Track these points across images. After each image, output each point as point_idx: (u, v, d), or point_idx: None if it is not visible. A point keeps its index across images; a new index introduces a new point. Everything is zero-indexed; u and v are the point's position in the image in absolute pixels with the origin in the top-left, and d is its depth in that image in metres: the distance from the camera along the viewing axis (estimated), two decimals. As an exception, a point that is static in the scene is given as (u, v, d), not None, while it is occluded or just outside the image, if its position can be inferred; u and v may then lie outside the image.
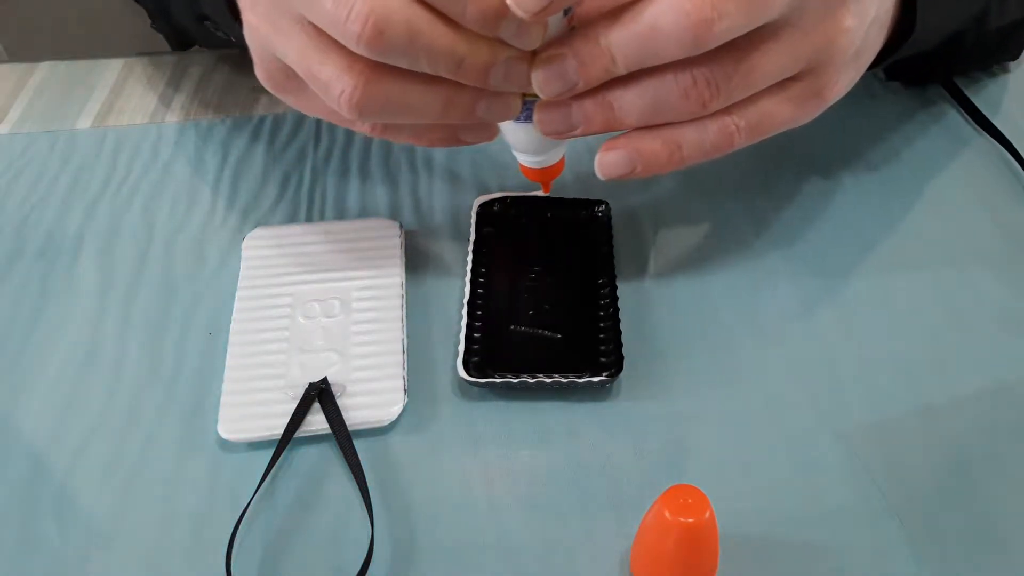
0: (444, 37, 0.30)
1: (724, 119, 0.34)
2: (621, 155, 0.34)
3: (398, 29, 0.29)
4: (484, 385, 0.37)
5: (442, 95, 0.32)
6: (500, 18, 0.30)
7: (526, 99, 0.34)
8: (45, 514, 0.34)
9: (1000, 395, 0.37)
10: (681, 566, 0.30)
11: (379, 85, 0.31)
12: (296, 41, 0.32)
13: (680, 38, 0.30)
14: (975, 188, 0.46)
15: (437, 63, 0.30)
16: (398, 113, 0.32)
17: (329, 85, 0.31)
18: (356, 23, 0.29)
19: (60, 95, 0.54)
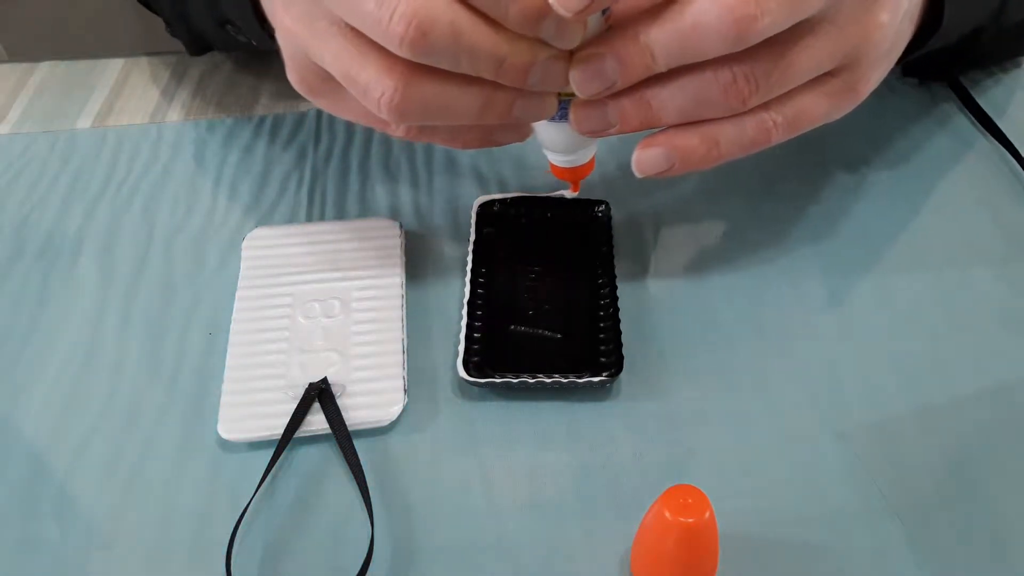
0: (486, 37, 0.30)
1: (761, 115, 0.34)
2: (659, 152, 0.34)
3: (442, 30, 0.29)
4: (484, 385, 0.37)
5: (481, 96, 0.32)
6: (541, 18, 0.30)
7: (561, 98, 0.34)
8: (45, 514, 0.34)
9: (1000, 395, 0.37)
10: (681, 566, 0.30)
11: (419, 87, 0.31)
12: (334, 44, 0.32)
13: (723, 35, 0.30)
14: (976, 188, 0.46)
15: (479, 64, 0.30)
16: (437, 115, 0.32)
17: (369, 88, 0.31)
18: (400, 24, 0.29)
19: (60, 95, 0.54)
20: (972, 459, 0.35)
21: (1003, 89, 0.52)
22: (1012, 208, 0.45)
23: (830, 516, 0.34)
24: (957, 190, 0.46)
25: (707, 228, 0.45)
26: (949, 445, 0.36)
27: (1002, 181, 0.46)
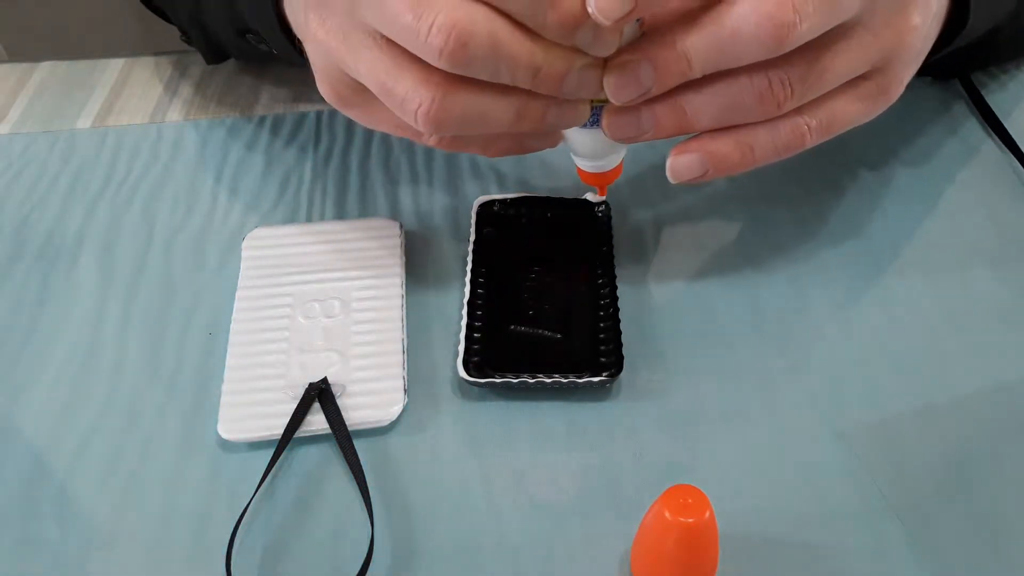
0: (524, 47, 0.30)
1: (796, 119, 0.34)
2: (693, 158, 0.34)
3: (481, 41, 0.29)
4: (484, 385, 0.37)
5: (515, 105, 0.32)
6: (579, 26, 0.30)
7: (594, 105, 0.34)
8: (45, 514, 0.34)
9: (1000, 395, 0.37)
10: (681, 566, 0.30)
11: (456, 98, 0.31)
12: (369, 56, 0.32)
13: (762, 42, 0.31)
14: (979, 188, 0.46)
15: (516, 73, 0.30)
16: (473, 125, 0.32)
17: (406, 100, 0.31)
18: (439, 36, 0.29)
19: (60, 95, 0.54)
20: (972, 459, 0.35)
21: (1012, 91, 0.52)
22: (1013, 209, 0.45)
23: (830, 516, 0.34)
24: (959, 189, 0.46)
25: (707, 228, 0.45)
26: (949, 445, 0.36)
27: (1005, 182, 0.46)
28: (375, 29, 0.31)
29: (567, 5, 0.29)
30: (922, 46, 0.36)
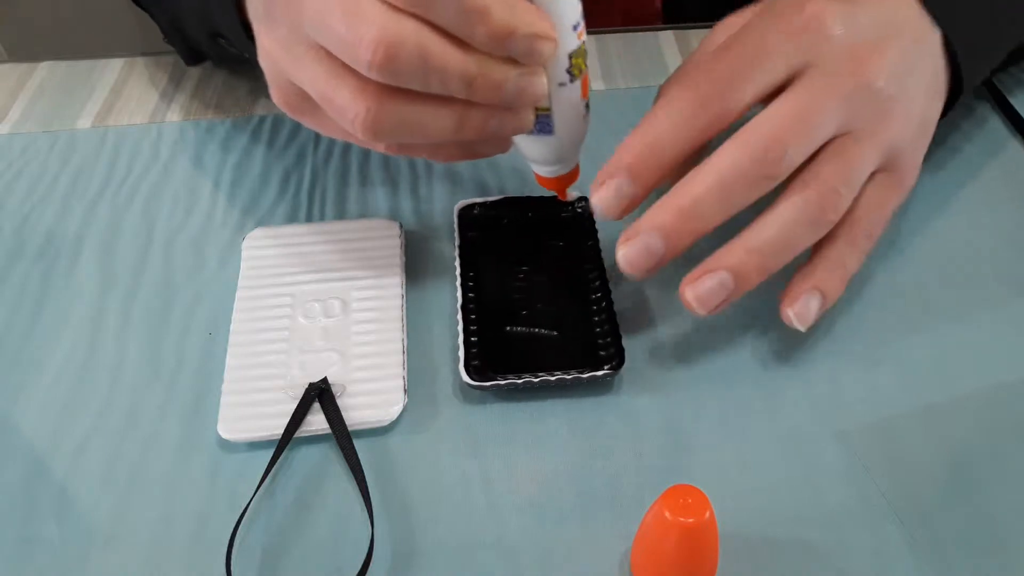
0: (454, 58, 0.30)
1: (851, 232, 0.37)
2: (805, 300, 0.36)
3: (409, 53, 0.30)
4: (489, 388, 0.37)
5: (455, 114, 0.33)
6: (509, 37, 0.30)
7: (538, 112, 0.35)
8: (45, 514, 0.34)
9: (1000, 395, 0.37)
10: (681, 566, 0.30)
11: (392, 107, 0.32)
12: (310, 66, 0.32)
13: (764, 175, 0.34)
14: (998, 188, 0.46)
15: (448, 84, 0.31)
16: (412, 133, 0.33)
17: (343, 109, 0.32)
18: (368, 49, 0.29)
19: (60, 95, 0.54)
20: (972, 459, 0.35)
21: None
22: (1016, 208, 0.45)
23: (830, 516, 0.34)
24: (978, 190, 0.46)
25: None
26: (949, 445, 0.36)
27: (1010, 181, 0.46)
28: (315, 41, 0.32)
29: (496, 17, 0.30)
30: (920, 131, 0.38)
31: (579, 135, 0.37)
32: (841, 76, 0.36)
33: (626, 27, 0.57)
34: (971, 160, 0.48)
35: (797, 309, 0.36)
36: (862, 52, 0.36)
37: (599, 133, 0.50)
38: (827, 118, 0.35)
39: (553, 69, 0.33)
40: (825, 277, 0.36)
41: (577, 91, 0.35)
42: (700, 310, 0.35)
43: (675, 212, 0.35)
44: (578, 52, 0.33)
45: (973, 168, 0.47)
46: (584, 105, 0.36)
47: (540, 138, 0.36)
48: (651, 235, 0.35)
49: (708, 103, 0.35)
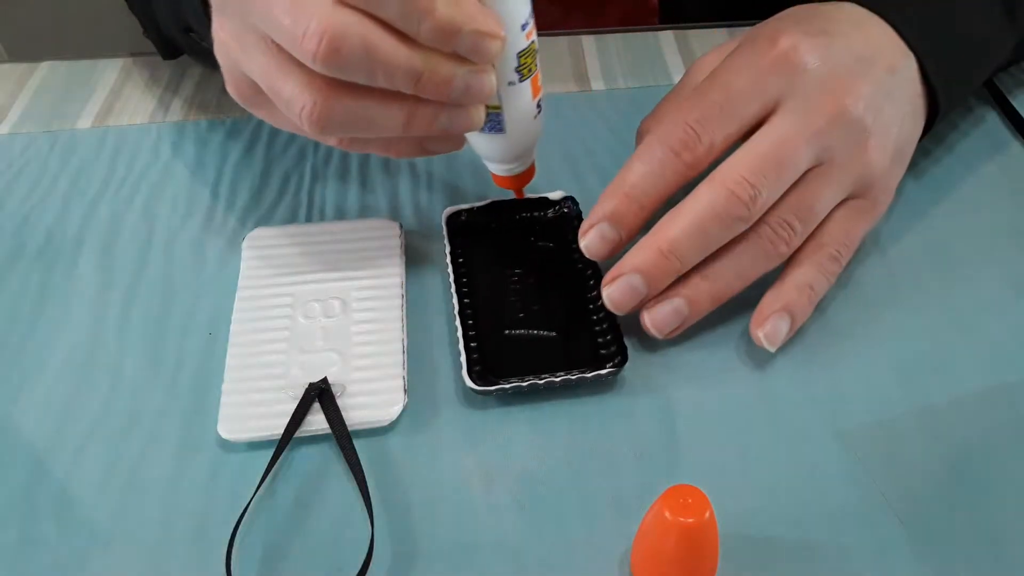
0: (400, 53, 0.30)
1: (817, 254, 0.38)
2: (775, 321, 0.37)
3: (353, 46, 0.30)
4: (494, 393, 0.37)
5: (403, 109, 0.33)
6: (454, 33, 0.30)
7: (489, 110, 0.35)
8: (45, 514, 0.34)
9: (1000, 395, 0.37)
10: (681, 566, 0.30)
11: (339, 101, 0.32)
12: (260, 58, 0.33)
13: (736, 215, 0.35)
14: (998, 189, 0.46)
15: (394, 78, 0.31)
16: (360, 128, 0.33)
17: (291, 102, 0.32)
18: (312, 41, 0.30)
19: (60, 95, 0.54)
20: (972, 459, 0.35)
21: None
22: (1019, 208, 0.45)
23: (830, 516, 0.34)
24: (979, 191, 0.46)
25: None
26: (949, 445, 0.36)
27: (1015, 181, 0.46)
28: (264, 32, 0.32)
29: (441, 13, 0.30)
30: (896, 158, 0.40)
31: (531, 134, 0.38)
32: (815, 111, 0.37)
33: (626, 27, 0.57)
34: (971, 159, 0.48)
35: (767, 330, 0.37)
36: (836, 85, 0.37)
37: (599, 133, 0.50)
38: (800, 156, 0.36)
39: (502, 68, 0.34)
40: (793, 299, 0.37)
41: (527, 91, 0.35)
42: (657, 334, 0.37)
43: (655, 253, 0.36)
44: (527, 52, 0.34)
45: (973, 167, 0.47)
46: (535, 105, 0.36)
47: (492, 136, 0.37)
48: (633, 276, 0.36)
49: (681, 151, 0.37)
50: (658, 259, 0.36)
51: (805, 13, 0.40)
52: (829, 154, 0.37)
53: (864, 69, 0.38)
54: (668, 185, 0.37)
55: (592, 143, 0.49)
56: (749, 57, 0.38)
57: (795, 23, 0.39)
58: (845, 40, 0.39)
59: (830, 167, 0.37)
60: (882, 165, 0.39)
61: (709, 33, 0.56)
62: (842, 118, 0.37)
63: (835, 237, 0.38)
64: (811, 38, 0.38)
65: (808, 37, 0.38)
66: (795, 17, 0.40)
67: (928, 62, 0.40)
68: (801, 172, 0.37)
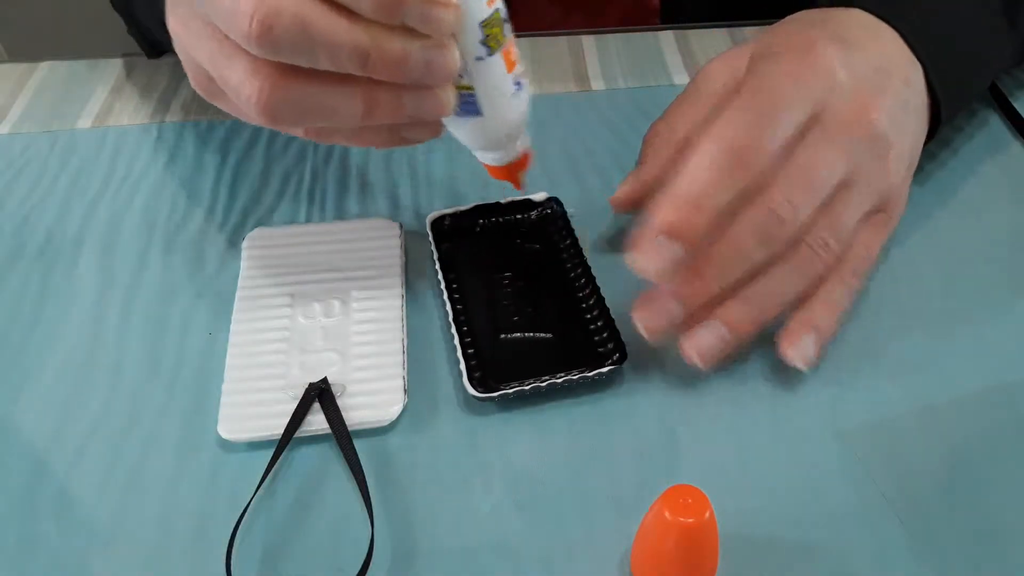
0: (341, 29, 0.28)
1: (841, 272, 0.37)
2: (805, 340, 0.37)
3: (287, 23, 0.27)
4: (496, 399, 0.37)
5: (359, 94, 0.30)
6: (398, 4, 0.27)
7: (461, 91, 0.32)
8: (45, 514, 0.34)
9: (1000, 395, 0.37)
10: (681, 566, 0.30)
11: (287, 88, 0.30)
12: (207, 45, 0.31)
13: (773, 235, 0.35)
14: (999, 189, 0.46)
15: (339, 59, 0.28)
16: (315, 116, 0.31)
17: (238, 90, 0.30)
18: (244, 20, 0.28)
19: (60, 95, 0.54)
20: (972, 459, 0.35)
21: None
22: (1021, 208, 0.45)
23: (830, 516, 0.34)
24: (980, 191, 0.46)
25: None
26: (949, 445, 0.36)
27: (1018, 183, 0.46)
28: (207, 17, 0.30)
29: None
30: (908, 168, 0.40)
31: (513, 115, 0.34)
32: (848, 126, 0.36)
33: (626, 27, 0.57)
34: (972, 161, 0.48)
35: (799, 350, 0.36)
36: (865, 100, 0.37)
37: (599, 133, 0.50)
38: (835, 175, 0.36)
39: (465, 41, 0.30)
40: (820, 316, 0.37)
41: (499, 65, 0.32)
42: (700, 363, 0.36)
43: (693, 274, 0.35)
44: (491, 21, 0.30)
45: (974, 169, 0.47)
46: (512, 81, 0.33)
47: (468, 120, 0.33)
48: (669, 300, 0.35)
49: (744, 153, 0.35)
50: (695, 281, 0.35)
51: (819, 18, 0.40)
52: (856, 170, 0.37)
53: (884, 81, 0.38)
54: (734, 190, 0.35)
55: (592, 143, 0.49)
56: (786, 65, 0.37)
57: (816, 28, 0.39)
58: (863, 51, 0.38)
59: (857, 183, 0.37)
60: (900, 176, 0.39)
61: (709, 33, 0.56)
62: (870, 134, 0.37)
63: (857, 252, 0.38)
64: (839, 48, 0.37)
65: (836, 46, 0.37)
66: (809, 21, 0.40)
67: (933, 72, 0.40)
68: (834, 188, 0.36)
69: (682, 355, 0.36)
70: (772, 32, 0.41)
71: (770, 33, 0.41)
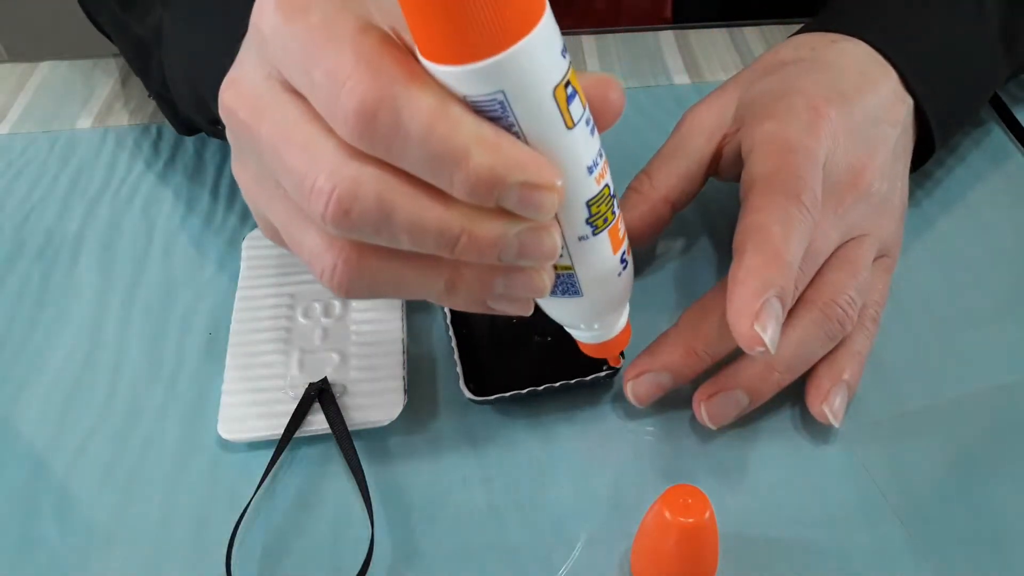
0: (429, 212, 0.25)
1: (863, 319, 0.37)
2: (836, 399, 0.36)
3: (367, 207, 0.24)
4: (494, 402, 0.36)
5: (443, 275, 0.27)
6: (496, 187, 0.24)
7: (559, 270, 0.28)
8: (45, 514, 0.34)
9: (1000, 395, 0.37)
10: (681, 566, 0.30)
11: (362, 267, 0.27)
12: (280, 207, 0.28)
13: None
14: (1001, 195, 0.46)
15: (424, 242, 0.25)
16: (392, 293, 0.28)
17: (311, 261, 0.27)
18: (320, 199, 0.24)
19: (60, 95, 0.54)
20: (972, 459, 0.35)
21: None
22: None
23: (830, 516, 0.34)
24: (981, 197, 0.46)
25: (692, 213, 0.45)
26: (949, 445, 0.36)
27: (1017, 190, 0.46)
28: (280, 182, 0.27)
29: (477, 162, 0.23)
30: (902, 208, 0.40)
31: (616, 294, 0.30)
32: (840, 193, 0.36)
33: (626, 27, 0.57)
34: (972, 168, 0.48)
35: (832, 406, 0.35)
36: (858, 162, 0.37)
37: (599, 133, 0.50)
38: (831, 243, 0.36)
39: (568, 220, 0.26)
40: (849, 370, 0.36)
41: (604, 245, 0.28)
42: (712, 425, 0.35)
43: (684, 350, 0.35)
44: (599, 199, 0.26)
45: (974, 176, 0.47)
46: (618, 260, 0.29)
47: (566, 300, 0.29)
48: (662, 374, 0.35)
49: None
50: (690, 359, 0.35)
51: (811, 58, 0.40)
52: (856, 229, 0.37)
53: (878, 132, 0.38)
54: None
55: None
56: (800, 137, 0.36)
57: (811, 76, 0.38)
58: (860, 104, 0.38)
59: (860, 240, 0.37)
60: (896, 220, 0.39)
61: (709, 33, 0.56)
62: (866, 196, 0.37)
63: (873, 299, 0.37)
64: (838, 108, 0.37)
65: (835, 108, 0.37)
66: (804, 64, 0.39)
67: (928, 105, 0.40)
68: (832, 251, 0.36)
69: (694, 412, 0.36)
70: (763, 73, 0.40)
71: (760, 73, 0.40)
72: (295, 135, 0.25)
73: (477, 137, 0.23)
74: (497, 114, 0.23)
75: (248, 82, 0.27)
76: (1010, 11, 0.43)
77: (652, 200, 0.39)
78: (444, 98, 0.23)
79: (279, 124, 0.26)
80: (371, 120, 0.23)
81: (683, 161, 0.40)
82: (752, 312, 0.31)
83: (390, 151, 0.24)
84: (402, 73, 0.23)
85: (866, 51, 0.40)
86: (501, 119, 0.24)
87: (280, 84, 0.26)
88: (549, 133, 0.24)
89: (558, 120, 0.24)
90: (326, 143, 0.25)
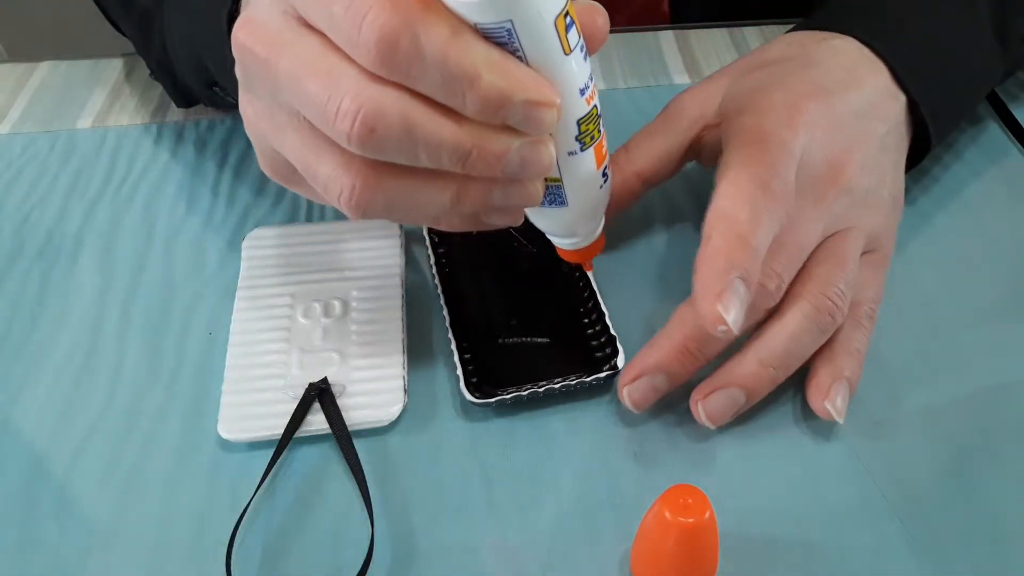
0: (444, 129, 0.27)
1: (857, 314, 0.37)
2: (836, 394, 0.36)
3: (391, 125, 0.27)
4: (494, 404, 0.36)
5: (451, 188, 0.30)
6: (504, 105, 0.27)
7: (549, 183, 0.31)
8: (45, 514, 0.34)
9: (1000, 395, 0.37)
10: (681, 566, 0.30)
11: (379, 184, 0.29)
12: (293, 137, 0.30)
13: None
14: (999, 193, 0.46)
15: (440, 157, 0.28)
16: (404, 210, 0.31)
17: (328, 185, 0.29)
18: (345, 120, 0.27)
19: (60, 95, 0.54)
20: (972, 459, 0.35)
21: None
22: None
23: (830, 516, 0.34)
24: (980, 195, 0.46)
25: (684, 211, 0.45)
26: (949, 445, 0.36)
27: (1016, 188, 0.46)
28: (296, 109, 0.29)
29: (487, 83, 0.26)
30: (892, 204, 0.40)
31: (596, 205, 0.34)
32: (820, 188, 0.37)
33: (626, 27, 0.57)
34: (970, 166, 0.48)
35: (834, 404, 0.35)
36: (837, 157, 0.37)
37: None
38: (813, 238, 0.36)
39: (560, 137, 0.30)
40: (848, 367, 0.36)
41: (590, 160, 0.31)
42: (711, 424, 0.35)
43: (679, 350, 0.35)
44: (588, 118, 0.30)
45: (972, 174, 0.47)
46: (600, 174, 0.32)
47: (553, 210, 0.33)
48: (656, 376, 0.36)
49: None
50: (683, 357, 0.35)
51: (802, 54, 0.40)
52: (839, 223, 0.37)
53: (861, 127, 0.38)
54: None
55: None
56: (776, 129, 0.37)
57: (797, 74, 0.39)
58: (844, 99, 0.38)
59: (847, 231, 0.37)
60: (884, 215, 0.39)
61: (709, 33, 0.57)
62: (846, 189, 0.37)
63: (867, 295, 0.38)
64: (820, 103, 0.37)
65: (816, 102, 0.37)
66: (793, 62, 0.40)
67: (923, 102, 0.40)
68: (815, 246, 0.37)
69: (693, 413, 0.36)
70: (752, 68, 0.40)
71: (749, 68, 0.40)
72: (317, 65, 0.27)
73: (487, 61, 0.26)
74: (504, 40, 0.26)
75: (263, 20, 0.29)
76: (1001, 8, 0.43)
77: (626, 173, 0.41)
78: (457, 26, 0.26)
79: (300, 56, 0.28)
80: (393, 47, 0.26)
81: (662, 141, 0.41)
82: (716, 292, 0.32)
83: (409, 75, 0.26)
84: (418, 4, 0.26)
85: (857, 48, 0.40)
86: (507, 45, 0.27)
87: (296, 20, 0.28)
88: (549, 58, 0.27)
89: (557, 46, 0.27)
90: (348, 70, 0.27)
